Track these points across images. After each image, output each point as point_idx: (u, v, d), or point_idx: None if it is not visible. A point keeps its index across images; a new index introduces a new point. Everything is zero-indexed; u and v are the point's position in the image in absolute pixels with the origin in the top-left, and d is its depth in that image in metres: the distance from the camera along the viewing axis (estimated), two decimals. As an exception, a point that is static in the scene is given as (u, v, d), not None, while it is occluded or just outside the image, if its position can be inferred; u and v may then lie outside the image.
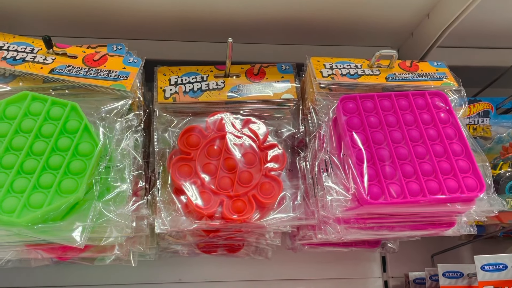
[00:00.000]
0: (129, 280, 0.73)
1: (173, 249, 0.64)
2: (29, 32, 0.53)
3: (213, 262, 0.75)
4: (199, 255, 0.67)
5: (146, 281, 0.74)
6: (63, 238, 0.40)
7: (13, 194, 0.40)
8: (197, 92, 0.53)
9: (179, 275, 0.74)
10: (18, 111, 0.44)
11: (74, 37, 0.60)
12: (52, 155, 0.43)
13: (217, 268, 0.75)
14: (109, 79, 0.48)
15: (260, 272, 0.75)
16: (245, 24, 0.60)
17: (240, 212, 0.48)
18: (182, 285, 0.75)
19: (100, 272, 0.73)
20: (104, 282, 0.72)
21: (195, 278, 0.75)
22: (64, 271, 0.72)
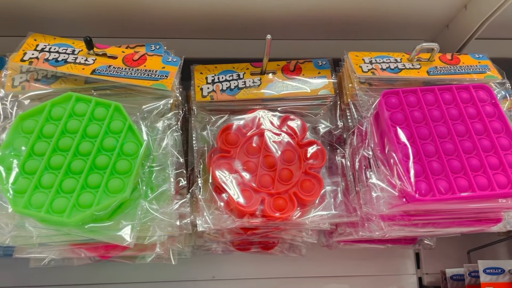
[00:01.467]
0: (163, 278, 0.74)
1: (207, 246, 0.64)
2: (63, 33, 0.53)
3: (246, 259, 0.76)
4: (232, 253, 0.68)
5: (180, 279, 0.74)
6: (112, 237, 0.41)
7: (62, 194, 0.41)
8: (234, 90, 0.53)
9: (212, 273, 0.75)
10: (63, 112, 0.45)
11: (108, 38, 0.60)
12: (98, 155, 0.43)
13: (250, 265, 0.75)
14: (150, 79, 0.48)
15: (292, 269, 0.75)
16: (279, 20, 0.60)
17: (281, 210, 0.48)
18: (215, 282, 0.75)
19: (133, 270, 0.74)
20: (138, 279, 0.73)
21: (228, 275, 0.75)
22: (99, 269, 0.73)
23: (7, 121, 0.46)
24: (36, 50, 0.48)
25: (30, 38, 0.49)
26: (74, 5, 0.56)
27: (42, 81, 0.48)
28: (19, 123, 0.44)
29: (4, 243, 0.42)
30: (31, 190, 0.40)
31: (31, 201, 0.40)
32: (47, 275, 0.69)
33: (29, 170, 0.42)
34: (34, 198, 0.40)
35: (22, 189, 0.41)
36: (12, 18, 0.57)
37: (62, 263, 0.54)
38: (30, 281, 0.69)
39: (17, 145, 0.43)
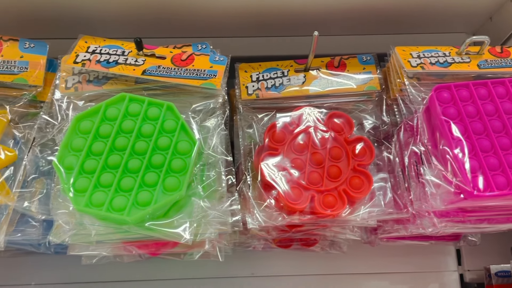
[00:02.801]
0: (203, 275, 0.75)
1: (249, 243, 0.65)
2: (109, 34, 0.54)
3: (284, 256, 0.76)
4: (272, 250, 0.68)
5: (220, 275, 0.75)
6: (170, 235, 0.41)
7: (121, 193, 0.42)
8: (279, 87, 0.53)
9: (252, 269, 0.75)
10: (117, 113, 0.45)
11: (152, 38, 0.61)
12: (153, 154, 0.44)
13: (289, 262, 0.75)
14: (199, 78, 0.49)
15: (332, 266, 0.75)
16: (320, 17, 0.59)
17: (331, 207, 0.48)
18: (255, 279, 0.76)
19: (172, 267, 0.75)
20: (178, 276, 0.74)
21: (267, 272, 0.76)
22: (140, 266, 0.75)
23: (63, 122, 0.47)
24: (87, 52, 0.49)
25: (81, 40, 0.51)
26: (118, 6, 0.57)
27: (94, 82, 0.49)
28: (76, 124, 0.45)
29: (64, 241, 0.44)
30: (91, 189, 0.41)
31: (92, 199, 0.41)
32: (97, 271, 0.71)
33: (88, 170, 0.43)
34: (94, 196, 0.41)
35: (83, 188, 0.42)
36: (58, 21, 0.58)
37: (113, 260, 0.55)
38: (81, 278, 0.71)
39: (75, 145, 0.44)
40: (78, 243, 0.48)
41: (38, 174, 0.46)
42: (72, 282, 0.73)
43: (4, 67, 0.49)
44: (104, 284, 0.73)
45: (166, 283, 0.74)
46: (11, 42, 0.50)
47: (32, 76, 0.49)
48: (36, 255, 0.59)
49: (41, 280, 0.73)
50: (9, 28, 0.58)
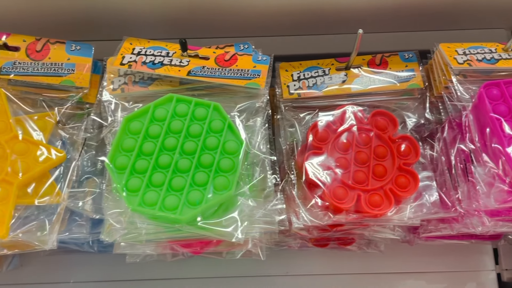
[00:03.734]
0: (237, 273, 0.75)
1: (285, 243, 0.65)
2: (151, 36, 0.55)
3: (319, 255, 0.75)
4: (308, 249, 0.68)
5: (254, 274, 0.75)
6: (222, 234, 0.42)
7: (172, 192, 0.42)
8: (320, 86, 0.53)
9: (286, 268, 0.75)
10: (165, 113, 0.46)
11: (192, 39, 0.61)
12: (202, 154, 0.44)
13: (324, 260, 0.75)
14: (243, 78, 0.49)
15: (367, 265, 0.74)
16: (358, 14, 0.59)
17: (377, 206, 0.47)
18: (289, 278, 0.76)
19: (204, 265, 0.75)
20: (213, 274, 0.75)
21: (301, 271, 0.75)
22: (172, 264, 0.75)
23: (112, 123, 0.48)
24: (133, 54, 0.50)
25: (126, 42, 0.51)
26: (156, 8, 0.58)
27: (140, 83, 0.50)
28: (126, 124, 0.45)
29: (116, 241, 0.45)
30: (143, 189, 0.42)
31: (145, 199, 0.42)
32: (133, 269, 0.72)
33: (139, 170, 0.43)
34: (147, 196, 0.42)
35: (135, 188, 0.42)
36: (98, 23, 0.59)
37: (157, 258, 0.56)
38: (117, 276, 0.73)
39: (126, 146, 0.44)
40: (127, 242, 0.49)
41: (89, 174, 0.47)
42: (109, 280, 0.74)
43: (51, 69, 0.50)
44: (140, 282, 0.75)
45: (198, 281, 0.75)
46: (58, 45, 0.51)
47: (78, 78, 0.50)
48: (73, 253, 0.61)
49: (79, 278, 0.74)
50: (50, 31, 0.59)
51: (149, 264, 0.73)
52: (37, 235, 0.46)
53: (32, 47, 0.51)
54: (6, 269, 0.72)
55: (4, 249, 0.47)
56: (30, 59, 0.50)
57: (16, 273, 0.74)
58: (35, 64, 0.50)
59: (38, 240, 0.46)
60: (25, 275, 0.74)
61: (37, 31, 0.53)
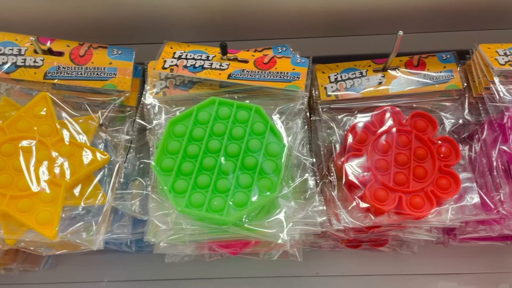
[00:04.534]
0: (267, 273, 0.76)
1: (317, 244, 0.65)
2: (185, 39, 0.56)
3: (350, 255, 0.75)
4: (339, 249, 0.68)
5: (284, 274, 0.76)
6: (268, 235, 0.42)
7: (217, 194, 0.43)
8: (358, 87, 0.53)
9: (316, 269, 0.75)
10: (208, 116, 0.47)
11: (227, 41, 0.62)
12: (245, 156, 0.45)
13: (354, 261, 0.75)
14: (283, 81, 0.49)
15: (398, 266, 0.74)
16: (394, 15, 0.59)
17: (419, 208, 0.47)
18: (319, 279, 0.76)
19: (234, 266, 0.76)
20: (241, 275, 0.75)
21: (332, 272, 0.76)
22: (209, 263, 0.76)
23: (156, 125, 0.49)
24: (174, 58, 0.51)
25: (167, 46, 0.52)
26: (192, 11, 0.59)
27: (181, 87, 0.51)
28: (170, 127, 0.46)
29: (162, 241, 0.45)
30: (190, 190, 0.43)
31: (191, 200, 0.43)
32: (166, 269, 0.73)
33: (185, 172, 0.44)
34: (193, 198, 0.43)
35: (182, 189, 0.43)
36: (136, 27, 0.60)
37: (194, 258, 0.57)
38: (150, 275, 0.74)
39: (170, 148, 0.45)
40: (167, 243, 0.50)
41: (132, 176, 0.48)
42: (142, 279, 0.75)
43: (94, 74, 0.51)
44: (172, 282, 0.76)
45: (229, 281, 0.75)
46: (100, 50, 0.52)
47: (120, 81, 0.51)
48: (106, 252, 0.62)
49: (113, 277, 0.76)
50: (89, 35, 0.60)
51: (181, 263, 0.74)
52: (85, 235, 0.47)
53: (76, 52, 0.52)
54: (43, 269, 0.73)
55: (53, 249, 0.48)
56: (73, 64, 0.51)
57: (52, 272, 0.75)
58: (78, 68, 0.51)
59: (86, 241, 0.47)
60: (60, 274, 0.76)
61: (76, 36, 0.54)
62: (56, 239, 0.45)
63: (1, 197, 0.45)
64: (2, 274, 0.70)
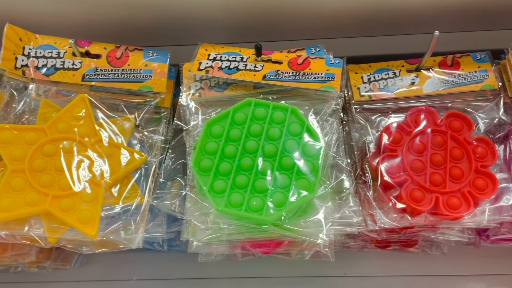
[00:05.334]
0: (294, 273, 0.76)
1: (346, 244, 0.65)
2: (214, 40, 0.56)
3: (377, 256, 0.75)
4: (367, 250, 0.68)
5: (312, 274, 0.76)
6: (306, 235, 0.43)
7: (256, 194, 0.44)
8: (391, 88, 0.53)
9: (344, 269, 0.75)
10: (244, 117, 0.47)
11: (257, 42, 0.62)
12: (282, 157, 0.45)
13: (382, 262, 0.75)
14: (318, 81, 0.49)
15: (426, 266, 0.74)
16: (426, 14, 0.59)
17: (456, 208, 0.47)
18: (347, 279, 0.76)
19: (263, 266, 0.77)
20: (271, 274, 0.76)
21: (360, 272, 0.76)
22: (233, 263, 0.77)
23: (193, 126, 0.49)
24: (209, 60, 0.52)
25: (201, 48, 0.53)
26: (221, 12, 0.59)
27: (216, 88, 0.51)
28: (207, 128, 0.47)
29: (201, 241, 0.46)
30: (228, 190, 0.43)
31: (230, 200, 0.43)
32: (194, 268, 0.74)
33: (223, 172, 0.45)
34: (232, 197, 0.43)
35: (221, 189, 0.44)
36: (168, 29, 0.61)
37: (227, 258, 0.58)
38: (178, 274, 0.75)
39: (208, 149, 0.46)
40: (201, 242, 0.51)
41: (171, 176, 0.49)
42: (170, 278, 0.76)
43: (131, 76, 0.52)
44: (200, 281, 0.76)
45: (257, 281, 0.76)
46: (136, 52, 0.53)
47: (156, 83, 0.52)
48: (135, 251, 0.63)
49: (141, 276, 0.77)
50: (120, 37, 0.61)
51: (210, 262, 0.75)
52: (123, 234, 0.48)
53: (112, 55, 0.53)
54: (73, 267, 0.75)
55: (92, 247, 0.49)
56: (110, 66, 0.52)
57: (82, 271, 0.77)
58: (115, 70, 0.52)
59: (125, 239, 0.48)
60: (89, 273, 0.77)
61: (111, 38, 0.56)
62: (97, 238, 0.46)
63: (44, 197, 0.46)
64: (35, 272, 0.71)
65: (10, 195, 0.45)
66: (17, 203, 0.45)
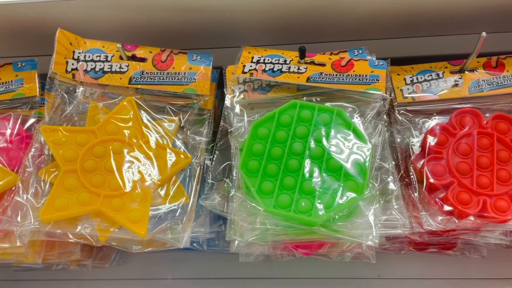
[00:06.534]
0: (329, 275, 0.76)
1: (383, 245, 0.65)
2: (251, 43, 0.57)
3: (412, 258, 0.74)
4: (405, 252, 0.68)
5: (346, 276, 0.76)
6: (355, 236, 0.43)
7: (303, 195, 0.44)
8: (435, 89, 0.53)
9: (378, 271, 0.75)
10: (290, 119, 0.48)
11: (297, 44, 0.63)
12: (329, 158, 0.45)
13: (417, 264, 0.74)
14: (362, 83, 0.50)
15: (463, 269, 0.73)
16: (469, 14, 0.58)
17: (504, 211, 0.47)
18: (381, 281, 0.76)
19: (297, 266, 0.77)
20: (304, 275, 0.76)
21: (394, 275, 0.75)
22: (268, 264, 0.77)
23: (237, 128, 0.50)
24: (253, 62, 0.52)
25: (245, 51, 0.54)
26: (260, 15, 0.60)
27: (259, 90, 0.52)
28: (254, 130, 0.48)
29: (247, 241, 0.47)
30: (276, 191, 0.44)
31: (278, 201, 0.44)
32: (229, 267, 0.75)
33: (270, 173, 0.45)
34: (280, 198, 0.44)
35: (268, 190, 0.44)
36: (209, 31, 0.61)
37: (268, 258, 0.58)
38: (213, 273, 0.76)
39: (255, 150, 0.47)
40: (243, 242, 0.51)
41: (218, 177, 0.50)
42: (205, 277, 0.77)
43: (175, 78, 0.53)
44: (234, 280, 0.77)
45: (292, 281, 0.76)
46: (180, 55, 0.54)
47: (199, 86, 0.53)
48: (170, 250, 0.64)
49: (177, 275, 0.78)
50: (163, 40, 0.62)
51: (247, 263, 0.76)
52: (171, 234, 0.49)
53: (158, 58, 0.54)
54: (110, 265, 0.77)
55: (141, 246, 0.50)
56: (156, 69, 0.53)
57: (119, 269, 0.79)
58: (160, 74, 0.53)
59: (172, 239, 0.49)
60: (126, 271, 0.79)
61: (151, 41, 0.57)
62: (146, 237, 0.47)
63: (96, 197, 0.47)
64: (76, 269, 0.73)
65: (64, 194, 0.47)
66: (71, 202, 0.47)
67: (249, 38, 0.61)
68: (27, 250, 0.55)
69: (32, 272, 0.76)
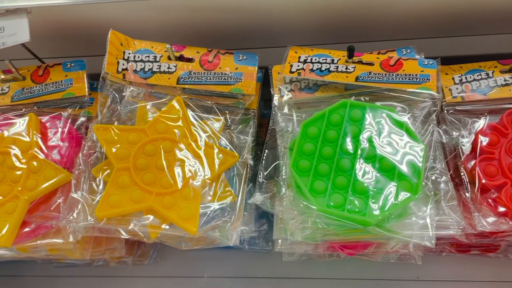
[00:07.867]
0: (367, 275, 0.75)
1: (425, 247, 0.64)
2: (289, 42, 0.57)
3: (451, 260, 0.74)
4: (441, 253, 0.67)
5: (383, 277, 0.75)
6: (410, 236, 0.43)
7: (356, 195, 0.44)
8: (485, 89, 0.52)
9: (417, 273, 0.74)
10: (340, 118, 0.48)
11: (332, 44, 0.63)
12: (382, 158, 0.45)
13: (456, 266, 0.73)
14: (413, 83, 0.49)
15: (503, 272, 0.72)
16: None
17: (559, 213, 0.46)
18: (420, 283, 0.75)
19: (336, 266, 0.76)
20: (343, 276, 0.75)
21: (433, 277, 0.74)
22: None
23: (285, 127, 0.50)
24: (300, 62, 0.52)
25: (291, 51, 0.54)
26: (304, 15, 0.60)
27: (306, 90, 0.52)
28: (304, 130, 0.48)
29: (298, 239, 0.47)
30: (329, 191, 0.44)
31: (331, 200, 0.44)
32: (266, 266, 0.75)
33: (322, 173, 0.45)
34: (333, 198, 0.44)
35: (320, 190, 0.44)
36: (254, 32, 0.62)
37: (311, 258, 0.58)
38: (248, 272, 0.76)
39: (306, 150, 0.47)
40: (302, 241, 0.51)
41: (268, 176, 0.50)
42: (240, 276, 0.78)
43: (222, 78, 0.54)
44: (269, 280, 0.77)
45: (329, 282, 0.76)
46: (227, 55, 0.55)
47: (245, 86, 0.54)
48: (206, 249, 0.64)
49: (213, 273, 0.79)
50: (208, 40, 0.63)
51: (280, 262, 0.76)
52: (219, 232, 0.49)
53: (205, 58, 0.55)
54: (148, 263, 0.78)
55: (190, 243, 0.51)
56: (203, 70, 0.54)
57: (156, 267, 0.80)
58: (207, 74, 0.54)
59: (222, 236, 0.49)
60: (163, 269, 0.80)
61: (196, 41, 0.57)
62: (197, 235, 0.48)
63: (148, 194, 0.48)
64: (116, 267, 0.75)
65: (118, 192, 0.48)
66: (124, 199, 0.48)
67: (293, 38, 0.62)
68: (75, 246, 0.56)
69: (72, 268, 0.78)
